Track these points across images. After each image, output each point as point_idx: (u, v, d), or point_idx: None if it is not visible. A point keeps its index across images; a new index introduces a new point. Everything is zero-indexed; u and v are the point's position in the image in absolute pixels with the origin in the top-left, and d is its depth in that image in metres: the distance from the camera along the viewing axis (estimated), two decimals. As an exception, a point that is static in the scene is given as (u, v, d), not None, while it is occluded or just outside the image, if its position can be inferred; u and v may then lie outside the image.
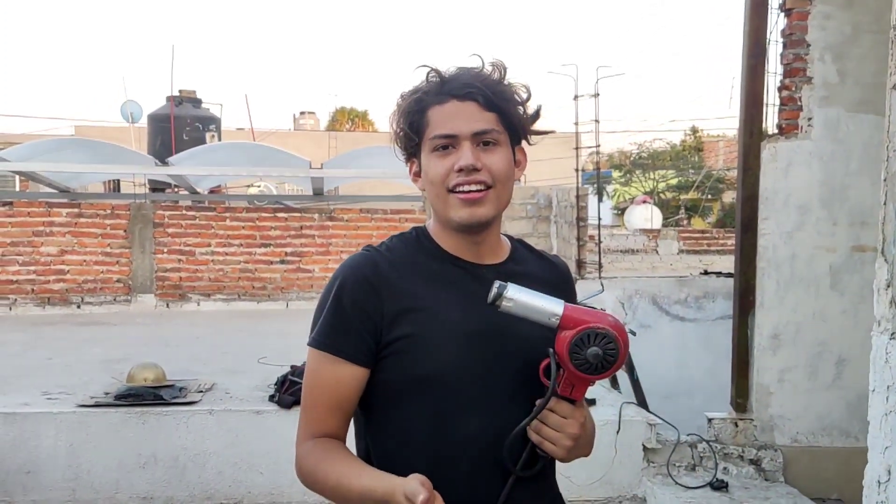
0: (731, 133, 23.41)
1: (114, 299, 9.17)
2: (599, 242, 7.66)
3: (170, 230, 9.31)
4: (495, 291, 1.11)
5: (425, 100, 1.21)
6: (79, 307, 9.05)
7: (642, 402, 4.70)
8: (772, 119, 4.07)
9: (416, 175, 1.28)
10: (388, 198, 11.37)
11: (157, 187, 12.42)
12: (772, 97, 4.03)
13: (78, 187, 12.22)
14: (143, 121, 14.28)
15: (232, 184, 14.90)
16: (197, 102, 13.69)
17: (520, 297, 1.11)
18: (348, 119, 32.49)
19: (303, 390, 1.25)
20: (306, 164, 10.79)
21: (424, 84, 1.23)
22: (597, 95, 7.13)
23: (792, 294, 3.98)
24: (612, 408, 4.15)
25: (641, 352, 5.41)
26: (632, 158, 26.29)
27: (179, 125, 12.86)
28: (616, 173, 25.49)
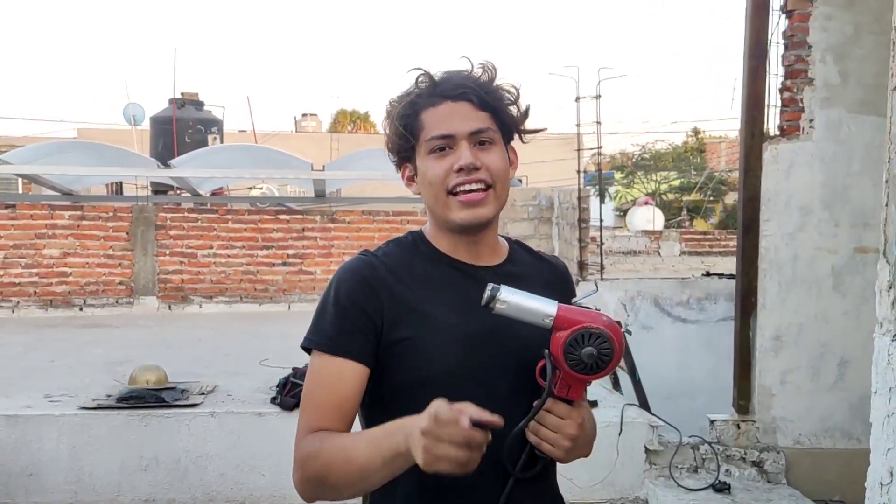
0: (733, 134, 23.38)
1: (116, 301, 9.19)
2: (601, 244, 7.66)
3: (172, 232, 9.32)
4: (489, 294, 1.10)
5: (418, 102, 1.21)
6: (81, 309, 9.06)
7: (644, 403, 4.70)
8: (773, 120, 4.07)
9: (410, 179, 1.27)
10: (390, 200, 11.38)
11: (159, 189, 12.44)
12: (773, 98, 4.03)
13: (80, 190, 12.24)
14: (146, 123, 14.31)
15: (234, 186, 14.91)
16: (199, 105, 13.71)
17: (513, 298, 1.10)
18: (350, 121, 32.52)
19: (303, 392, 1.24)
20: (308, 166, 10.81)
21: (415, 87, 1.22)
22: (598, 97, 7.14)
23: (794, 295, 3.97)
24: (613, 409, 4.15)
25: (643, 353, 5.41)
26: (634, 160, 26.29)
27: (182, 127, 12.88)
28: (618, 175, 25.49)
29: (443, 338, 1.17)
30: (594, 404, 4.16)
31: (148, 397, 4.18)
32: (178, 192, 12.58)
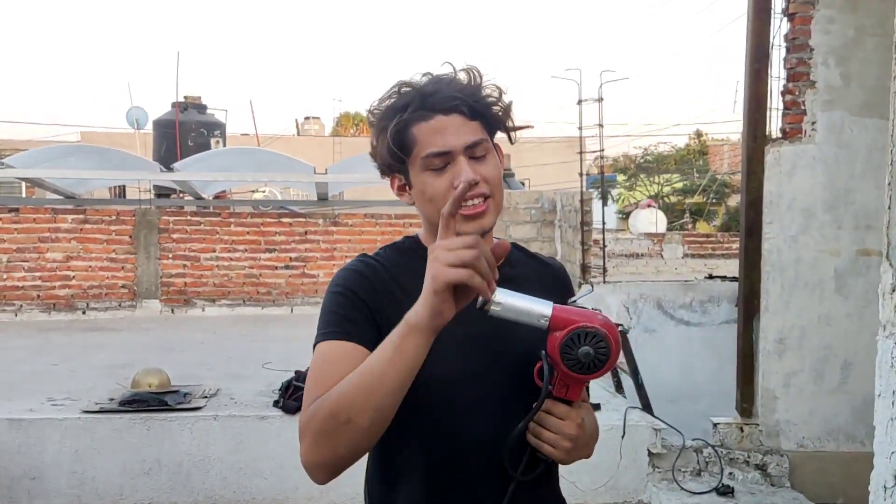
0: (736, 137, 23.36)
1: (119, 305, 9.20)
2: (604, 247, 7.66)
3: (175, 236, 9.33)
4: (481, 299, 1.09)
5: (409, 118, 1.18)
6: (84, 313, 9.07)
7: (647, 406, 4.69)
8: (775, 123, 4.07)
9: (401, 189, 1.26)
10: (393, 202, 11.38)
11: (162, 193, 12.46)
12: (775, 101, 4.03)
13: (84, 193, 12.26)
14: (149, 127, 14.34)
15: (237, 189, 14.94)
16: (202, 108, 13.74)
17: (507, 300, 1.09)
18: (352, 124, 32.56)
19: (307, 379, 1.19)
20: (311, 170, 10.82)
21: (398, 98, 1.20)
22: (600, 100, 7.14)
23: (797, 298, 3.97)
24: (616, 412, 4.14)
25: (646, 356, 5.40)
26: (636, 162, 26.29)
27: (184, 131, 12.91)
28: (621, 177, 25.49)
29: (442, 341, 1.16)
30: (597, 407, 4.16)
31: (150, 401, 4.19)
32: (181, 195, 12.60)
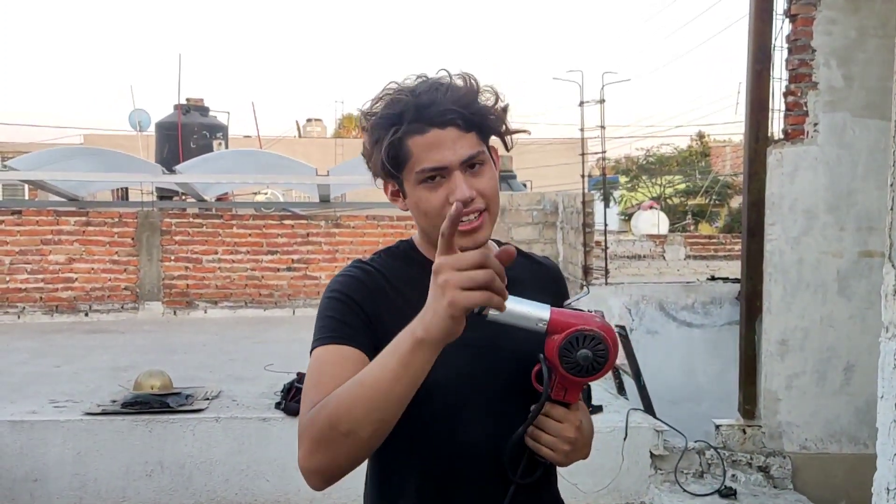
0: (738, 138, 23.35)
1: (121, 307, 9.21)
2: (606, 248, 7.66)
3: (177, 238, 9.34)
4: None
5: (406, 130, 1.16)
6: (86, 315, 9.08)
7: (649, 408, 4.68)
8: (777, 124, 4.07)
9: (395, 195, 1.25)
10: (395, 204, 11.39)
11: (164, 195, 12.47)
12: (777, 102, 4.02)
13: (86, 195, 12.28)
14: (151, 129, 14.37)
15: (239, 191, 14.95)
16: (204, 110, 13.76)
17: (505, 304, 1.08)
18: (354, 126, 32.60)
19: (305, 381, 1.18)
20: (313, 172, 10.83)
21: (391, 105, 1.17)
22: (602, 101, 7.13)
23: (799, 299, 3.96)
24: (618, 414, 4.14)
25: (648, 358, 5.39)
26: (638, 164, 26.28)
27: (187, 133, 12.92)
28: (623, 179, 25.50)
29: None
30: (599, 409, 4.15)
31: (153, 403, 4.19)
32: (184, 197, 12.62)
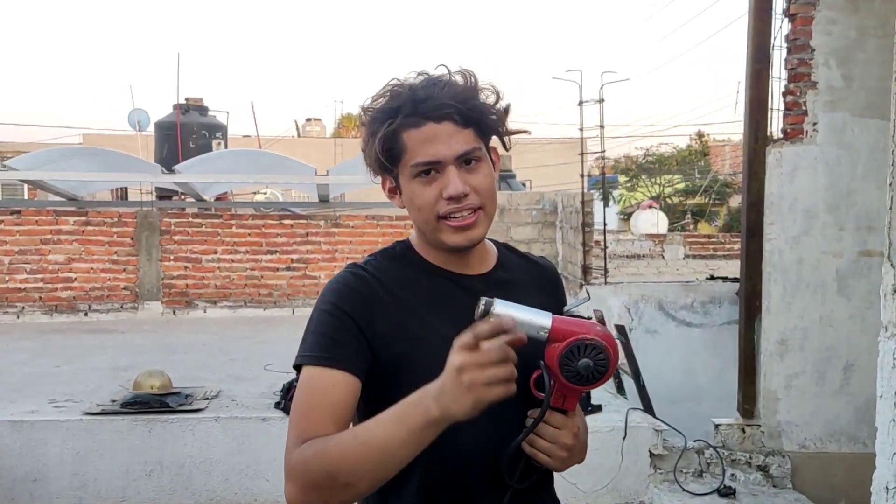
0: (737, 137, 23.34)
1: (121, 307, 9.20)
2: (605, 248, 7.65)
3: (176, 237, 9.34)
4: (482, 308, 1.08)
5: (402, 123, 1.15)
6: (86, 315, 9.08)
7: (648, 407, 4.69)
8: (777, 124, 4.07)
9: (392, 192, 1.24)
10: (394, 204, 11.39)
11: (163, 195, 12.47)
12: (777, 102, 4.02)
13: (85, 195, 12.28)
14: (151, 129, 14.36)
15: (238, 191, 14.94)
16: (203, 110, 13.75)
17: (507, 312, 1.09)
18: (354, 126, 32.58)
19: (293, 406, 1.18)
20: (312, 171, 10.83)
21: (390, 100, 1.17)
22: (602, 101, 7.13)
23: (799, 299, 3.96)
24: (618, 414, 4.14)
25: (647, 357, 5.40)
26: (638, 163, 26.29)
27: (186, 133, 12.92)
28: (622, 178, 25.50)
29: (436, 353, 1.12)
30: (598, 409, 4.16)
31: (152, 402, 4.19)
32: (183, 197, 12.61)
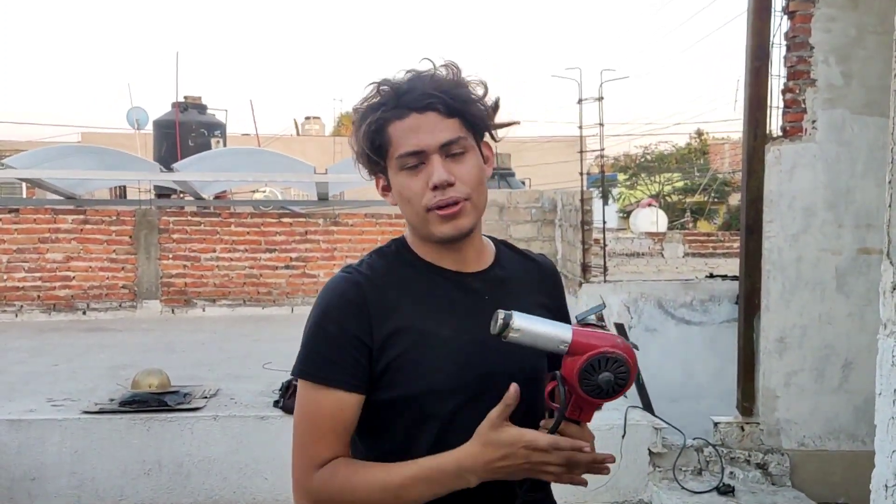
0: (737, 135, 23.34)
1: (119, 305, 9.19)
2: (604, 246, 7.64)
3: (175, 236, 9.33)
4: (501, 322, 1.06)
5: (383, 116, 1.16)
6: (84, 313, 9.07)
7: (648, 405, 4.69)
8: (776, 122, 4.06)
9: (385, 190, 1.24)
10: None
11: (162, 193, 12.46)
12: (776, 100, 4.01)
13: (84, 194, 12.27)
14: (149, 127, 14.35)
15: (237, 189, 14.94)
16: (202, 108, 13.75)
17: (527, 326, 1.07)
18: (352, 124, 32.50)
19: (295, 422, 1.19)
20: (311, 170, 10.82)
21: (377, 97, 1.18)
22: (601, 99, 7.12)
23: (797, 297, 3.96)
24: (617, 412, 4.13)
25: (647, 356, 5.39)
26: (637, 161, 26.30)
27: (185, 131, 12.91)
28: (621, 176, 25.50)
29: (433, 353, 1.14)
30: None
31: (151, 401, 4.19)
32: (182, 195, 12.60)
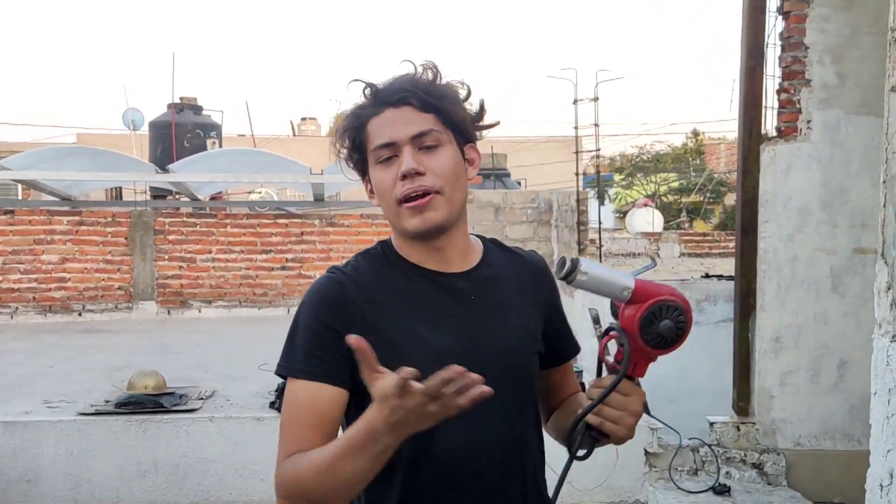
0: (732, 135, 23.39)
1: (115, 307, 9.18)
2: (600, 246, 7.66)
3: (171, 237, 9.32)
4: (569, 265, 1.06)
5: (363, 114, 1.19)
6: (80, 315, 9.05)
7: (644, 405, 4.69)
8: (771, 122, 4.07)
9: (372, 193, 1.25)
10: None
11: (158, 194, 12.45)
12: (771, 100, 4.02)
13: (79, 195, 12.24)
14: (145, 128, 14.32)
15: (233, 190, 14.92)
16: (198, 109, 13.73)
17: (593, 271, 1.07)
18: (349, 125, 32.49)
19: (281, 417, 1.20)
20: (307, 170, 10.82)
21: (359, 99, 1.21)
22: (596, 99, 7.15)
23: (793, 297, 3.96)
24: (613, 412, 4.14)
25: (643, 356, 5.38)
26: (633, 162, 26.32)
27: (180, 132, 12.89)
28: (617, 177, 25.51)
29: (418, 355, 1.12)
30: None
31: (146, 403, 4.18)
32: (177, 196, 12.58)
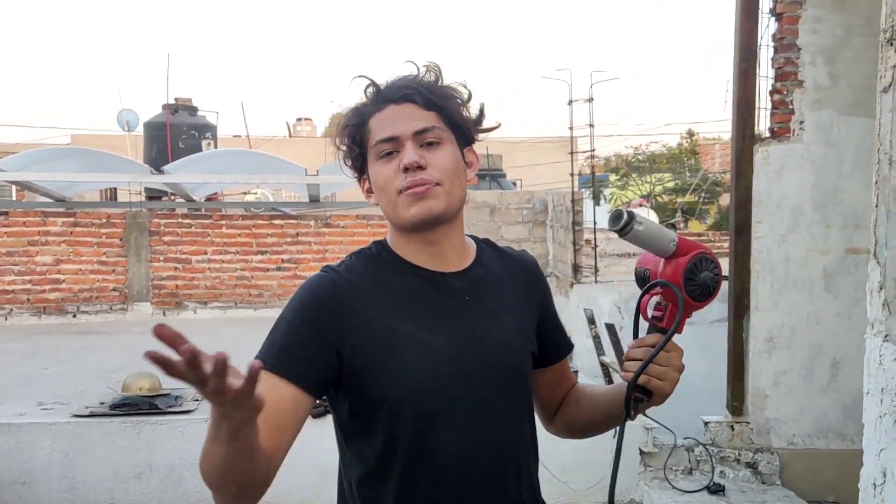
0: (727, 136, 23.43)
1: (110, 308, 9.16)
2: (595, 246, 7.66)
3: (166, 238, 9.30)
4: (626, 218, 1.11)
5: (364, 111, 1.20)
6: (74, 316, 9.03)
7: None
8: (764, 122, 4.08)
9: (369, 192, 1.25)
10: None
11: (153, 195, 12.42)
12: (764, 101, 4.04)
13: (74, 196, 12.21)
14: (140, 129, 14.30)
15: (228, 191, 14.90)
16: (193, 110, 13.70)
17: (647, 222, 1.13)
18: (344, 125, 32.43)
19: None
20: (302, 171, 10.81)
21: (362, 98, 1.22)
22: (591, 100, 7.15)
23: (786, 297, 3.98)
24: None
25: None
26: (628, 162, 26.37)
27: (175, 133, 12.87)
28: (613, 177, 25.56)
29: (413, 355, 1.13)
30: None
31: (141, 404, 4.17)
32: (172, 197, 12.56)
